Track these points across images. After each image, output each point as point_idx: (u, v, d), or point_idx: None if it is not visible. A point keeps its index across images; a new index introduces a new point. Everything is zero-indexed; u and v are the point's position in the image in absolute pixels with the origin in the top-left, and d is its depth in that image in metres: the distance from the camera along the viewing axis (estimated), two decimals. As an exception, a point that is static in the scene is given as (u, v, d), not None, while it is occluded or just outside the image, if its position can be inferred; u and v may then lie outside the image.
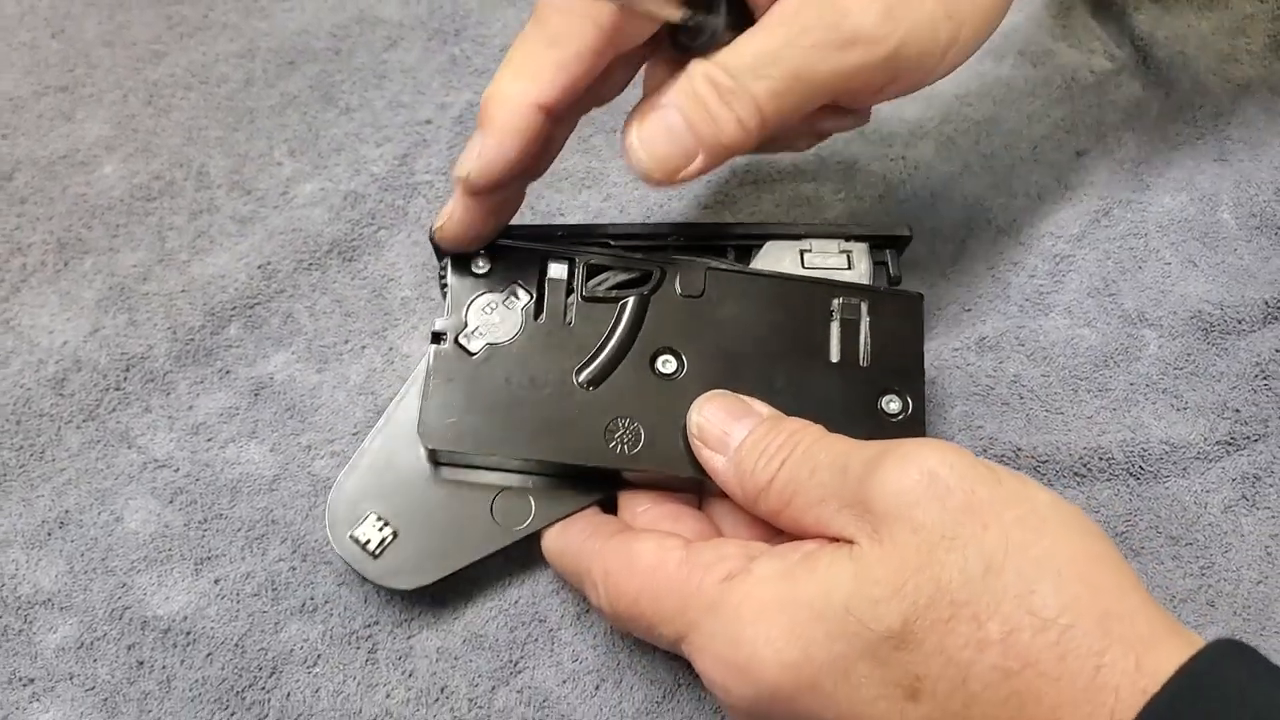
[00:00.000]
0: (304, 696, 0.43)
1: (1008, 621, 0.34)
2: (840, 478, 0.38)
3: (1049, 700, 0.33)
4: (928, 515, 0.36)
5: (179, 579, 0.45)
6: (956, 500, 0.36)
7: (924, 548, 0.35)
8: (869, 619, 0.35)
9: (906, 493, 0.36)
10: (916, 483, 0.36)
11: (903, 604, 0.35)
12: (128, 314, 0.51)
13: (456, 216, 0.43)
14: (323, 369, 0.51)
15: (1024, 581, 0.35)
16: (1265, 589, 0.46)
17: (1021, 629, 0.34)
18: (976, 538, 0.35)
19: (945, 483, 0.36)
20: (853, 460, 0.38)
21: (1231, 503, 0.49)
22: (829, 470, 0.38)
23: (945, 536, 0.35)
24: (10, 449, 0.48)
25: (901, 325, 0.46)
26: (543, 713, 0.43)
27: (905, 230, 0.48)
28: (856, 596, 0.35)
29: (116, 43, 0.61)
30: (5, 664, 0.43)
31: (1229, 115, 0.60)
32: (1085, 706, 0.33)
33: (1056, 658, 0.34)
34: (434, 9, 0.62)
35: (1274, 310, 0.53)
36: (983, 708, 0.34)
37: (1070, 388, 0.51)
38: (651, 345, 0.45)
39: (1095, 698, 0.33)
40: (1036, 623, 0.34)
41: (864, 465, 0.37)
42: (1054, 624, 0.34)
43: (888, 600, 0.35)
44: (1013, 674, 0.34)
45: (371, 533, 0.43)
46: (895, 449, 0.37)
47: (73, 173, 0.56)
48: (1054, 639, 0.34)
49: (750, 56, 0.40)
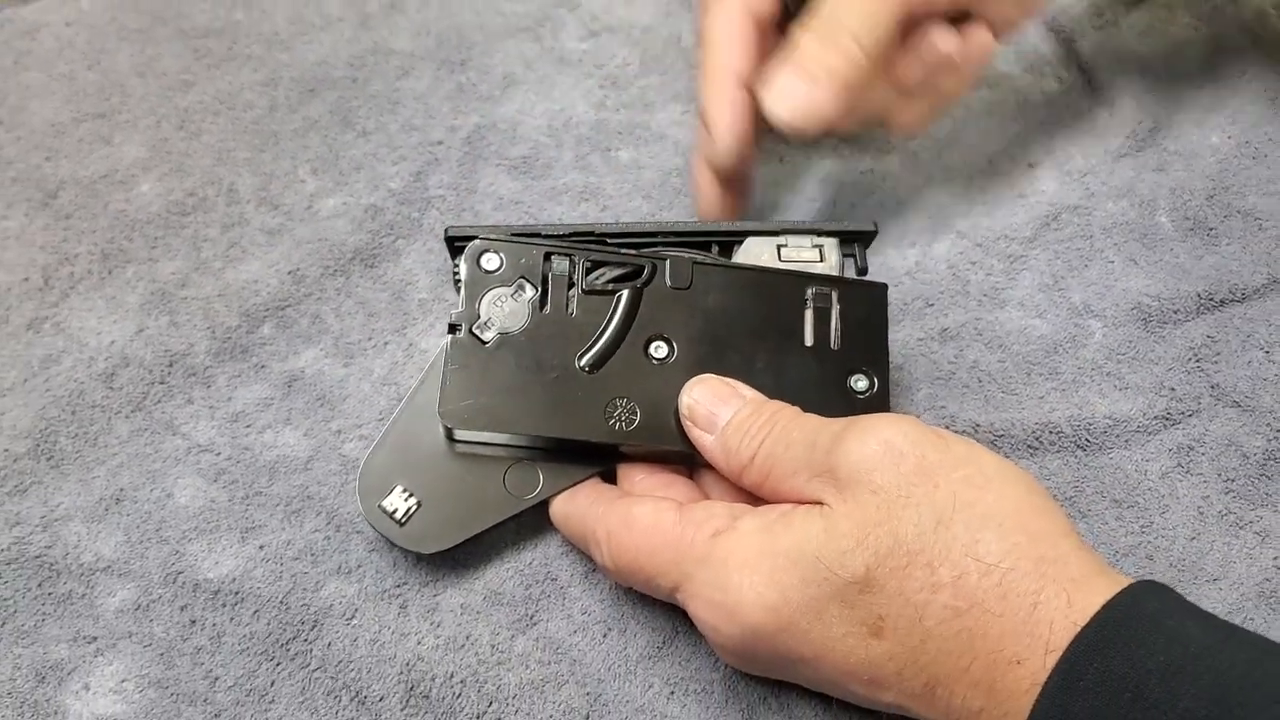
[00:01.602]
0: (343, 645, 0.47)
1: (956, 567, 0.38)
2: (810, 451, 0.42)
3: (994, 634, 0.37)
4: (885, 478, 0.40)
5: (226, 546, 0.50)
6: (909, 464, 0.40)
7: (883, 505, 0.40)
8: (837, 566, 0.39)
9: (866, 459, 0.40)
10: (875, 451, 0.41)
11: (865, 553, 0.39)
12: (169, 316, 0.56)
13: (712, 199, 0.52)
14: (349, 363, 0.55)
15: (970, 532, 0.39)
16: (1198, 544, 0.51)
17: (969, 573, 0.38)
18: (928, 496, 0.40)
19: (899, 449, 0.40)
20: (821, 435, 0.42)
21: (1168, 470, 0.53)
22: (801, 445, 0.43)
23: (900, 495, 0.40)
24: (67, 436, 0.52)
25: (868, 312, 0.50)
26: (556, 657, 0.47)
27: (871, 226, 0.52)
28: (826, 548, 0.39)
29: (148, 73, 0.65)
30: (71, 625, 0.48)
31: (1165, 130, 0.65)
32: (1025, 639, 0.37)
33: (999, 597, 0.38)
34: (442, 41, 0.67)
35: (1205, 303, 0.57)
36: (937, 642, 0.38)
37: (1024, 372, 0.55)
38: (645, 333, 0.48)
39: (1033, 630, 0.37)
40: (981, 567, 0.38)
41: (831, 439, 0.42)
42: (996, 568, 0.38)
43: (853, 551, 0.39)
44: (962, 612, 0.38)
45: (399, 502, 0.47)
46: (857, 423, 0.42)
47: (112, 191, 0.61)
48: (996, 581, 0.38)
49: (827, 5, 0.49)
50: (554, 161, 0.63)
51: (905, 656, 0.39)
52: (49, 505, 0.50)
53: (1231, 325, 0.57)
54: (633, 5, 0.70)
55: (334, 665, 0.47)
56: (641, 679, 0.47)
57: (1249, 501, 0.52)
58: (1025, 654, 0.37)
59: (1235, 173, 0.63)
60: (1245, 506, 0.52)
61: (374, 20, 0.68)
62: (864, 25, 0.49)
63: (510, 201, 0.61)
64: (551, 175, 0.62)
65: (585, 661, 0.47)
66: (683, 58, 0.68)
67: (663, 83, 0.67)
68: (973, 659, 0.38)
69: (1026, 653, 0.37)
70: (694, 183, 0.57)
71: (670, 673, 0.47)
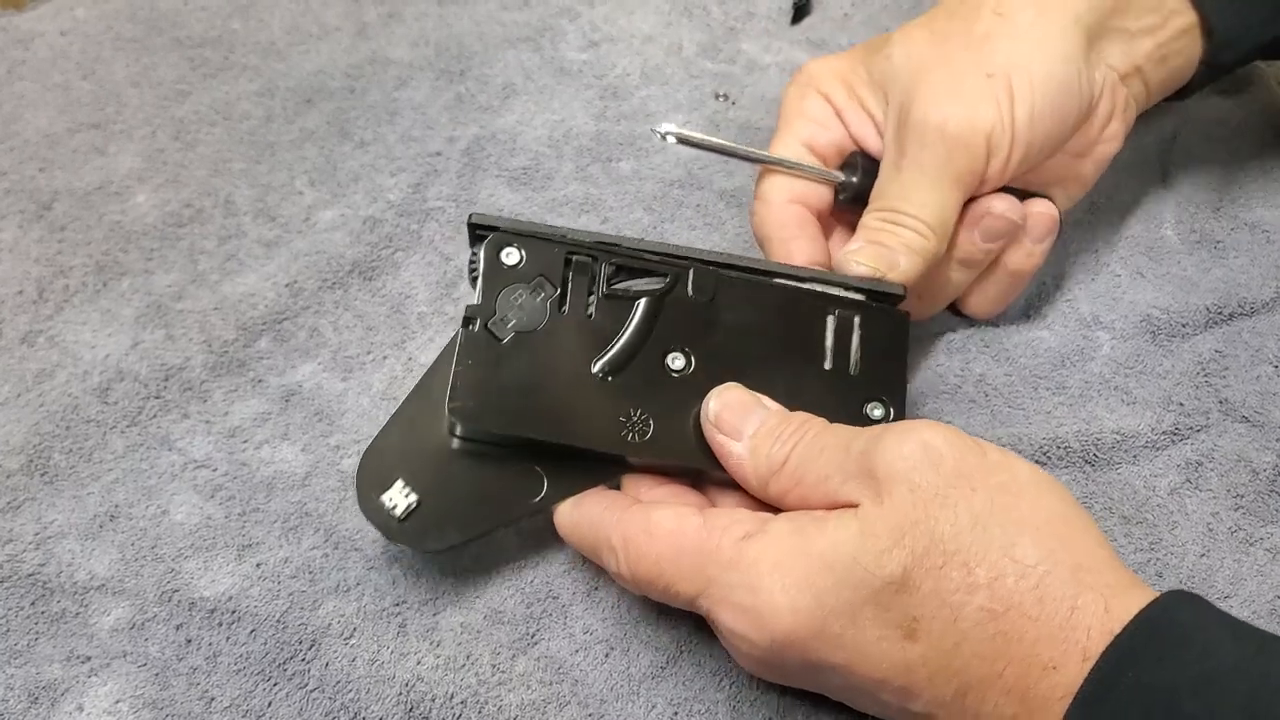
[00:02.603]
0: (341, 665, 0.47)
1: (994, 569, 0.38)
2: (844, 454, 0.42)
3: (1030, 637, 0.37)
4: (923, 478, 0.40)
5: (223, 564, 0.49)
6: (949, 466, 0.40)
7: (920, 504, 0.39)
8: (874, 566, 0.39)
9: (905, 458, 0.40)
10: (913, 450, 0.40)
11: (903, 553, 0.39)
12: (165, 329, 0.55)
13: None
14: (347, 377, 0.55)
15: (1007, 535, 0.38)
16: (1207, 561, 0.50)
17: (1006, 575, 0.38)
18: (966, 498, 0.39)
19: (939, 451, 0.40)
20: (856, 441, 0.42)
21: (1176, 486, 0.52)
22: (835, 449, 0.42)
23: (938, 495, 0.39)
24: (61, 452, 0.52)
25: (889, 339, 0.49)
26: (558, 677, 0.47)
27: (900, 289, 0.49)
28: (862, 549, 0.39)
29: (144, 83, 0.65)
30: (64, 644, 0.47)
31: (1171, 143, 0.65)
32: (1062, 644, 0.37)
33: (1036, 600, 0.37)
34: (441, 50, 0.67)
35: (1214, 315, 0.57)
36: (972, 645, 0.38)
37: (1031, 385, 0.55)
38: (664, 343, 0.47)
39: (1070, 635, 0.37)
40: (1018, 569, 0.38)
41: (867, 441, 0.42)
42: (1034, 571, 0.38)
43: (890, 550, 0.39)
44: (998, 615, 0.38)
45: (399, 498, 0.46)
46: (894, 427, 0.42)
47: (108, 202, 0.60)
48: (1034, 584, 0.38)
49: (890, 189, 0.51)
50: (554, 172, 0.62)
51: (938, 660, 0.38)
52: (42, 522, 0.50)
53: (1240, 339, 0.56)
54: (633, 15, 0.69)
55: (332, 685, 0.46)
56: (645, 699, 0.46)
57: (1259, 518, 0.51)
58: (1061, 660, 0.37)
59: (1242, 185, 0.63)
60: (1255, 523, 0.51)
61: (372, 29, 0.68)
62: (927, 205, 0.50)
63: (510, 213, 0.60)
64: (552, 186, 0.62)
65: (587, 682, 0.47)
66: (684, 68, 0.67)
67: (664, 93, 0.66)
68: (1007, 663, 0.37)
69: (1063, 659, 0.37)
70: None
71: (674, 693, 0.47)
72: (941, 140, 0.49)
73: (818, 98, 0.55)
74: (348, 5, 0.69)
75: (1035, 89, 0.49)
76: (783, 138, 0.55)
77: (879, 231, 0.50)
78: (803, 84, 0.55)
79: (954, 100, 0.50)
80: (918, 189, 0.50)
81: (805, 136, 0.54)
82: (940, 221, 0.50)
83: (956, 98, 0.50)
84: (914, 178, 0.50)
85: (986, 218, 0.52)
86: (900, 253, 0.50)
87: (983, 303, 0.56)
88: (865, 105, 0.54)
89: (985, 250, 0.53)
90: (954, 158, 0.49)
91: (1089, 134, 0.53)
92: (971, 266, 0.54)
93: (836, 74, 0.55)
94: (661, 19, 0.69)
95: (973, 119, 0.49)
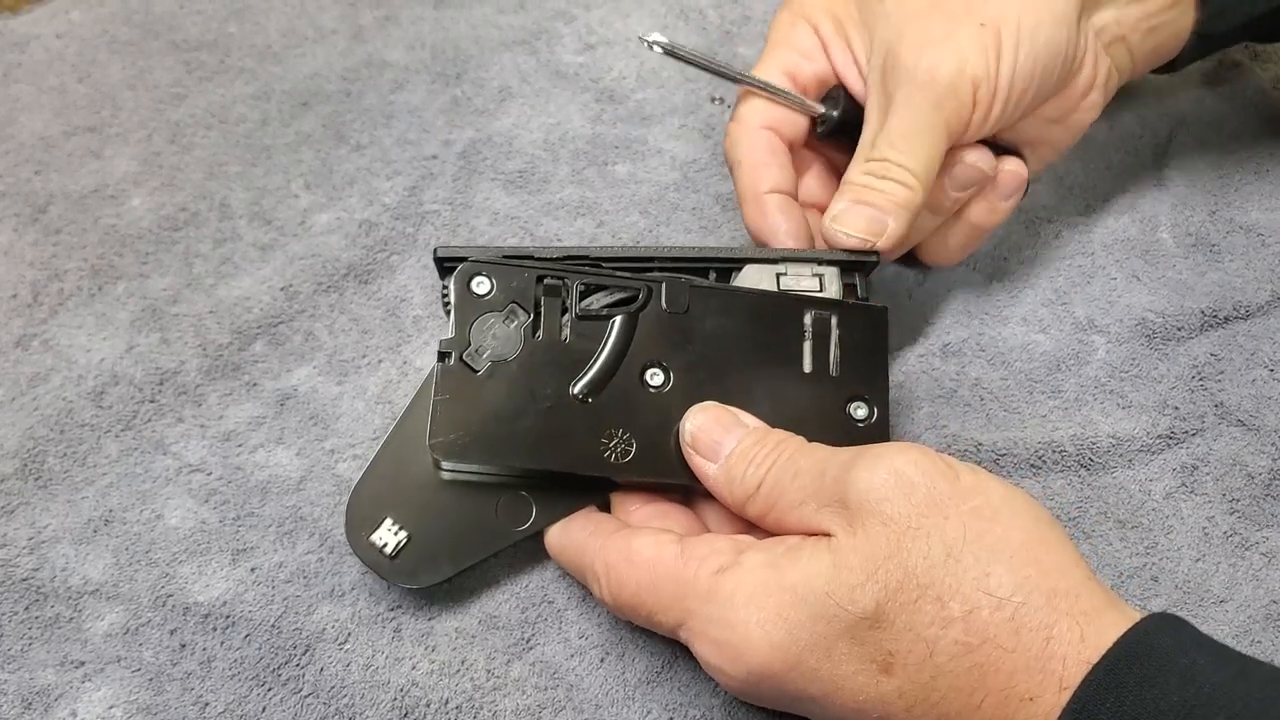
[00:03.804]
0: (336, 670, 0.46)
1: (967, 601, 0.38)
2: (819, 481, 0.41)
3: (1006, 669, 0.37)
4: (896, 509, 0.39)
5: (217, 569, 0.49)
6: (920, 495, 0.39)
7: (893, 537, 0.39)
8: (847, 602, 0.38)
9: (877, 489, 0.40)
10: (885, 481, 0.40)
11: (876, 588, 0.38)
12: (160, 333, 0.55)
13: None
14: (343, 381, 0.55)
15: (980, 565, 0.38)
16: (1203, 565, 0.50)
17: (980, 607, 0.37)
18: (939, 528, 0.39)
19: (910, 480, 0.40)
20: (829, 465, 0.42)
21: (1172, 490, 0.52)
22: (809, 475, 0.42)
23: (911, 527, 0.39)
24: (55, 456, 0.52)
25: (868, 336, 0.49)
26: (553, 682, 0.47)
27: (874, 256, 0.50)
28: (835, 583, 0.39)
29: (139, 86, 0.65)
30: (58, 649, 0.47)
31: (1166, 146, 0.65)
32: (1038, 675, 0.37)
33: (1011, 632, 0.37)
34: (437, 54, 0.67)
35: (1209, 319, 0.57)
36: (948, 678, 0.38)
37: (1026, 389, 0.55)
38: (641, 359, 0.47)
39: (1046, 666, 0.37)
40: (993, 601, 0.37)
41: (840, 468, 0.41)
42: (1008, 602, 0.37)
43: (863, 585, 0.38)
44: (973, 648, 0.37)
45: (388, 536, 0.46)
46: (867, 453, 0.41)
47: (103, 205, 0.60)
48: (1009, 615, 0.37)
49: (880, 138, 0.50)
50: (550, 176, 0.62)
51: (915, 694, 0.38)
52: (36, 526, 0.50)
53: (1235, 343, 0.56)
54: (629, 18, 0.69)
55: (326, 691, 0.46)
56: (640, 705, 0.46)
57: (1254, 522, 0.51)
58: (1038, 691, 0.36)
59: (1238, 188, 0.63)
60: (1251, 527, 0.51)
61: (368, 33, 0.68)
62: (916, 153, 0.49)
63: (506, 216, 0.60)
64: (548, 190, 0.62)
65: (583, 687, 0.47)
66: (680, 71, 0.67)
67: (659, 96, 0.66)
68: (984, 696, 0.37)
69: (1039, 689, 0.36)
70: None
71: (669, 699, 0.46)
72: (932, 86, 0.49)
73: (806, 27, 0.55)
74: (344, 8, 0.69)
75: (1023, 44, 0.49)
76: (766, 63, 0.54)
77: (866, 190, 0.50)
78: (794, 11, 0.55)
79: (945, 47, 0.49)
80: (904, 136, 0.49)
81: (789, 65, 0.54)
82: (926, 171, 0.49)
83: (948, 44, 0.49)
84: (902, 124, 0.49)
85: (959, 166, 0.52)
86: (889, 212, 0.49)
87: (941, 251, 0.56)
88: (850, 44, 0.54)
89: (954, 199, 0.53)
90: (943, 105, 0.49)
91: (1068, 100, 0.53)
92: (937, 213, 0.54)
93: (827, 7, 0.54)
94: (657, 22, 0.69)
95: (963, 66, 0.48)
